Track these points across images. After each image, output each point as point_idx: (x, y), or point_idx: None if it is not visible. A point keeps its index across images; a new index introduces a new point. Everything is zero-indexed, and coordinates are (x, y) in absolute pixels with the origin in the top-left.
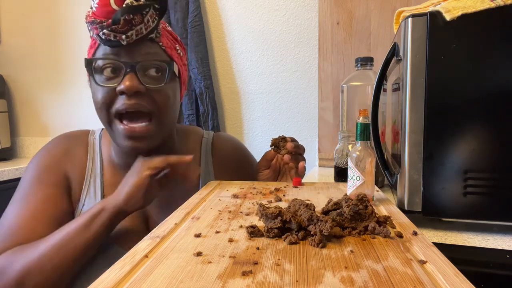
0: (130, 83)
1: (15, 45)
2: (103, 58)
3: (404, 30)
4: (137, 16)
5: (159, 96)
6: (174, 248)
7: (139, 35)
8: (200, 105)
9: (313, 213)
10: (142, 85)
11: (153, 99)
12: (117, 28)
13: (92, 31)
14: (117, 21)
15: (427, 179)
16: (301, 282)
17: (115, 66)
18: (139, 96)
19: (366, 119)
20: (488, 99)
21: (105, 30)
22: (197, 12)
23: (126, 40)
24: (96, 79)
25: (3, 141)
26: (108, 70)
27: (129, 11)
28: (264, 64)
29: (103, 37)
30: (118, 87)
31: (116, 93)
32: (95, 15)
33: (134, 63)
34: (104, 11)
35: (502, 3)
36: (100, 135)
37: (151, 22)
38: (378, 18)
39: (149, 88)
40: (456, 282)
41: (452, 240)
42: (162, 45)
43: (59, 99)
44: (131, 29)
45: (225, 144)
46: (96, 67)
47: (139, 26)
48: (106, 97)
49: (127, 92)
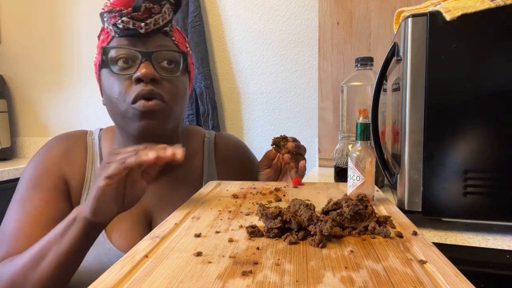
0: (146, 70)
1: (15, 45)
2: (119, 47)
3: (404, 30)
4: (156, 6)
5: (172, 86)
6: (174, 248)
7: (156, 25)
8: (200, 105)
9: (313, 213)
10: (157, 73)
11: (166, 88)
12: (137, 15)
13: (109, 20)
14: (138, 8)
15: (427, 179)
16: (301, 282)
17: (129, 56)
18: (154, 83)
19: (366, 119)
20: (488, 99)
21: (124, 18)
22: (197, 12)
23: (144, 28)
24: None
25: (3, 141)
26: (122, 60)
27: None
28: (264, 64)
29: (121, 25)
30: (135, 75)
31: (132, 82)
32: (113, 5)
33: (150, 52)
34: (124, 0)
35: (502, 3)
36: (99, 135)
37: (167, 15)
38: (378, 18)
39: (163, 77)
40: (456, 282)
41: (452, 240)
42: (174, 40)
43: (59, 99)
44: (150, 17)
45: (228, 144)
46: (110, 58)
47: (158, 15)
48: (122, 86)
49: (144, 79)
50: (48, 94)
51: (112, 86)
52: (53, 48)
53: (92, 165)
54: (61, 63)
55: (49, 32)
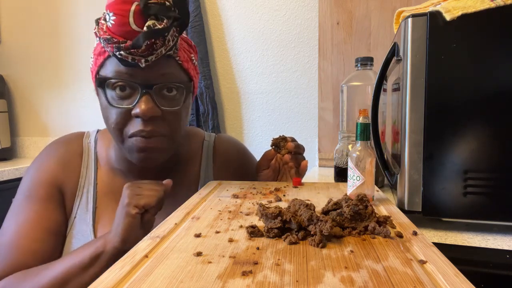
0: (146, 107)
1: (15, 45)
2: (117, 78)
3: (404, 30)
4: (159, 40)
5: (173, 118)
6: (174, 248)
7: (159, 56)
8: (200, 105)
9: (313, 213)
10: (158, 108)
11: (168, 122)
12: (137, 52)
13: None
14: (138, 46)
15: (427, 179)
16: (301, 282)
17: (128, 84)
18: (154, 120)
19: (366, 119)
20: (488, 99)
21: (123, 52)
22: (197, 12)
23: (145, 63)
24: (108, 95)
25: (3, 141)
26: (119, 88)
27: (152, 35)
28: (264, 64)
29: (119, 56)
30: (134, 111)
31: (131, 115)
32: (111, 32)
33: (151, 85)
34: (122, 30)
35: (502, 3)
36: (96, 138)
37: (171, 42)
38: (378, 18)
39: (164, 110)
40: (456, 282)
41: (452, 240)
42: (178, 60)
43: (59, 99)
44: (152, 53)
45: (227, 147)
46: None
47: (160, 49)
48: (120, 118)
49: (143, 117)
50: (48, 94)
51: (108, 113)
52: (53, 48)
53: (86, 170)
54: (61, 63)
55: (49, 32)
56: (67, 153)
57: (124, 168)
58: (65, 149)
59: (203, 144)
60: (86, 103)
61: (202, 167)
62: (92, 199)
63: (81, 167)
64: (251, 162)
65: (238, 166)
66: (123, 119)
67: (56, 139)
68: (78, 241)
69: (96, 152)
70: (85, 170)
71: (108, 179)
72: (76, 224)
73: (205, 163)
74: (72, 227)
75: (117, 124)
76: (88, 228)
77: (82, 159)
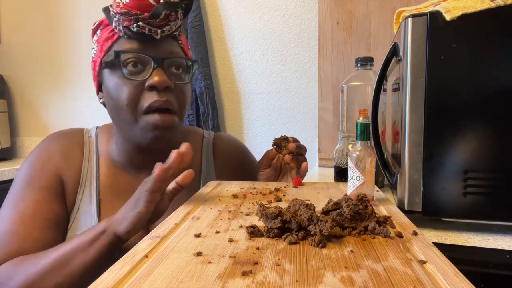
0: (160, 78)
1: (15, 45)
2: (131, 51)
3: (404, 30)
4: (174, 13)
5: (181, 93)
6: (174, 248)
7: (170, 31)
8: (200, 105)
9: (313, 213)
10: (170, 81)
11: (177, 97)
12: (155, 22)
13: (121, 22)
14: (157, 15)
15: (427, 179)
16: (301, 282)
17: (140, 60)
18: (168, 92)
19: (366, 119)
20: (488, 99)
21: (141, 23)
22: (197, 12)
23: (160, 34)
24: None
25: (3, 141)
26: (131, 64)
27: (169, 7)
28: (264, 64)
29: (135, 29)
30: (149, 82)
31: (144, 88)
32: (127, 7)
33: (162, 58)
34: (140, 4)
35: (502, 3)
36: (96, 133)
37: (179, 20)
38: (378, 18)
39: (176, 84)
40: (456, 282)
41: (452, 240)
42: (181, 43)
43: (59, 99)
44: (168, 24)
45: (227, 145)
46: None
47: (174, 22)
48: (134, 93)
49: (159, 87)
50: (48, 94)
51: (120, 90)
52: (53, 48)
53: (88, 163)
54: (61, 63)
55: (49, 32)
56: (68, 144)
57: (125, 161)
58: (66, 141)
59: (203, 142)
60: (86, 103)
61: (203, 164)
62: (95, 191)
63: (82, 160)
64: (251, 159)
65: (238, 163)
66: (137, 93)
67: (57, 132)
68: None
69: (97, 146)
70: (87, 164)
71: (109, 172)
72: (80, 216)
73: (206, 160)
74: (75, 220)
75: (132, 100)
76: (93, 219)
77: (84, 152)
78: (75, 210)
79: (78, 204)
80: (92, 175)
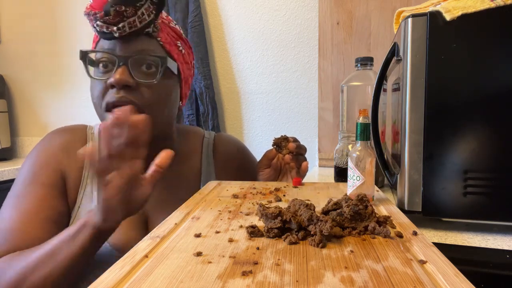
0: (119, 76)
1: (15, 45)
2: (97, 51)
3: (404, 30)
4: (130, 8)
5: (149, 92)
6: (174, 248)
7: (132, 28)
8: (200, 105)
9: (313, 213)
10: (132, 79)
11: (142, 95)
12: (109, 19)
13: (90, 23)
14: (107, 12)
15: (427, 179)
16: (301, 282)
17: (109, 60)
18: (128, 90)
19: (366, 119)
20: (488, 99)
21: (99, 22)
22: (197, 12)
23: (117, 32)
24: (91, 72)
25: (3, 141)
26: (102, 64)
27: (120, 2)
28: (264, 64)
29: (97, 28)
30: (109, 80)
31: (108, 86)
32: (91, 7)
33: (126, 57)
34: (100, 2)
35: (502, 3)
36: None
37: (147, 16)
38: (378, 18)
39: (139, 82)
40: (456, 282)
41: (452, 240)
42: (160, 41)
43: (59, 99)
44: (123, 20)
45: (227, 145)
46: (92, 60)
47: (132, 18)
48: (99, 90)
49: (115, 85)
50: (48, 94)
51: (92, 88)
52: (53, 48)
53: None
54: (61, 63)
55: (49, 31)
56: (71, 140)
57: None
58: (69, 137)
59: (203, 142)
60: (86, 103)
61: (203, 164)
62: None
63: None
64: (251, 160)
65: (238, 164)
66: (102, 91)
67: (59, 128)
68: None
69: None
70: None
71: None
72: (81, 213)
73: (206, 160)
74: (76, 217)
75: (97, 98)
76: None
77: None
78: (76, 207)
79: (79, 201)
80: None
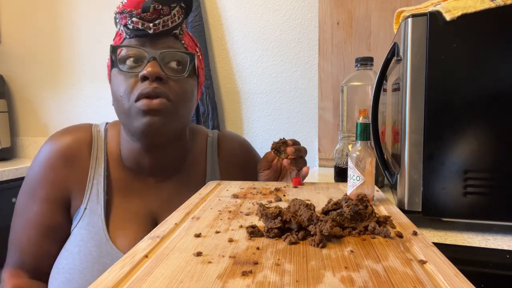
0: (152, 68)
1: (15, 45)
2: (128, 46)
3: (404, 30)
4: (165, 7)
5: (178, 86)
6: (174, 248)
7: (165, 26)
8: (200, 105)
9: (313, 213)
10: (163, 72)
11: (172, 88)
12: (146, 16)
13: (120, 22)
14: (147, 8)
15: (427, 179)
16: (301, 282)
17: (138, 55)
18: (160, 82)
19: (366, 119)
20: (488, 99)
21: (134, 18)
22: (197, 12)
23: (153, 28)
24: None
25: (3, 141)
26: (131, 59)
27: (159, 0)
28: (264, 64)
29: (131, 26)
30: (141, 73)
31: (138, 80)
32: (125, 6)
33: (157, 52)
34: (134, 2)
35: (502, 3)
36: (106, 128)
37: (177, 18)
38: (378, 18)
39: (170, 76)
40: (456, 282)
41: (452, 240)
42: (184, 43)
43: (59, 99)
44: (159, 17)
45: (231, 143)
46: (119, 57)
47: (166, 17)
48: (128, 84)
49: (149, 77)
50: (48, 94)
51: (119, 84)
52: (53, 48)
53: (96, 161)
54: (61, 63)
55: (49, 31)
56: (73, 145)
57: (132, 163)
58: (71, 140)
59: (207, 141)
60: (86, 103)
61: (208, 164)
62: (103, 190)
63: (90, 157)
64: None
65: (242, 161)
66: (132, 85)
67: (61, 130)
68: (89, 232)
69: (106, 143)
70: (95, 162)
71: (118, 170)
72: (86, 215)
73: (211, 160)
74: (82, 219)
75: (125, 91)
76: (99, 219)
77: (92, 148)
78: (82, 209)
79: (85, 203)
80: (100, 173)
